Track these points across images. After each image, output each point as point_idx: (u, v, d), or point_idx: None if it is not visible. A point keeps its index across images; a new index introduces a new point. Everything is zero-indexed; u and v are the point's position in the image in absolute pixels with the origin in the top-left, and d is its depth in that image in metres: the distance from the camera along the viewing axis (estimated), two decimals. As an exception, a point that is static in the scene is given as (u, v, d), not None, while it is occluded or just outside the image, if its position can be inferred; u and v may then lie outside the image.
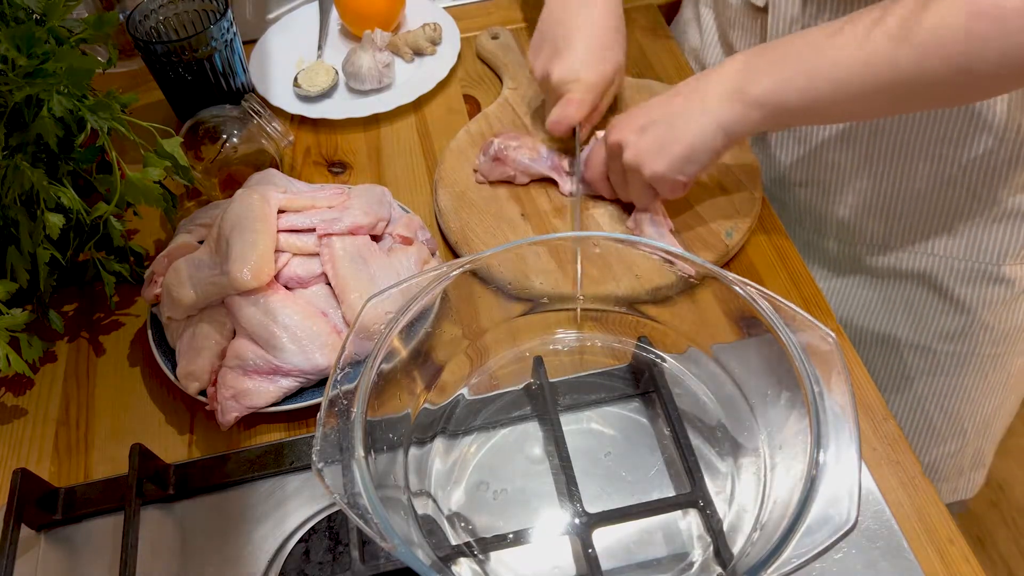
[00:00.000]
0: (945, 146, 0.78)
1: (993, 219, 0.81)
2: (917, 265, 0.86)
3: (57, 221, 0.66)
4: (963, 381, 0.90)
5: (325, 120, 0.92)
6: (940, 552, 0.57)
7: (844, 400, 0.48)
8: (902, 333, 0.90)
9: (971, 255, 0.83)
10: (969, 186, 0.79)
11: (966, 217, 0.81)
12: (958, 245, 0.83)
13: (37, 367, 0.72)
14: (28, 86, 0.62)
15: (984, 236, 0.82)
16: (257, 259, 0.64)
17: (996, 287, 0.84)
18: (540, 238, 0.60)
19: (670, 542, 0.55)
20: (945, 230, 0.83)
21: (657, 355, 0.62)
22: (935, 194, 0.81)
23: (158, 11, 0.85)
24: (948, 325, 0.87)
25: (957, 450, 0.97)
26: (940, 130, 0.77)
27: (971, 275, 0.84)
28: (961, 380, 0.90)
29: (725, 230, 0.74)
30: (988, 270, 0.83)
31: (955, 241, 0.83)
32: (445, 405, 0.61)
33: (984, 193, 0.79)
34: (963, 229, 0.82)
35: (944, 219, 0.82)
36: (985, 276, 0.83)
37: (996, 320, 0.85)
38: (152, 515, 0.61)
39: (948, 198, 0.81)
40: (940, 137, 0.78)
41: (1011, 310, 0.85)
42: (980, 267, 0.83)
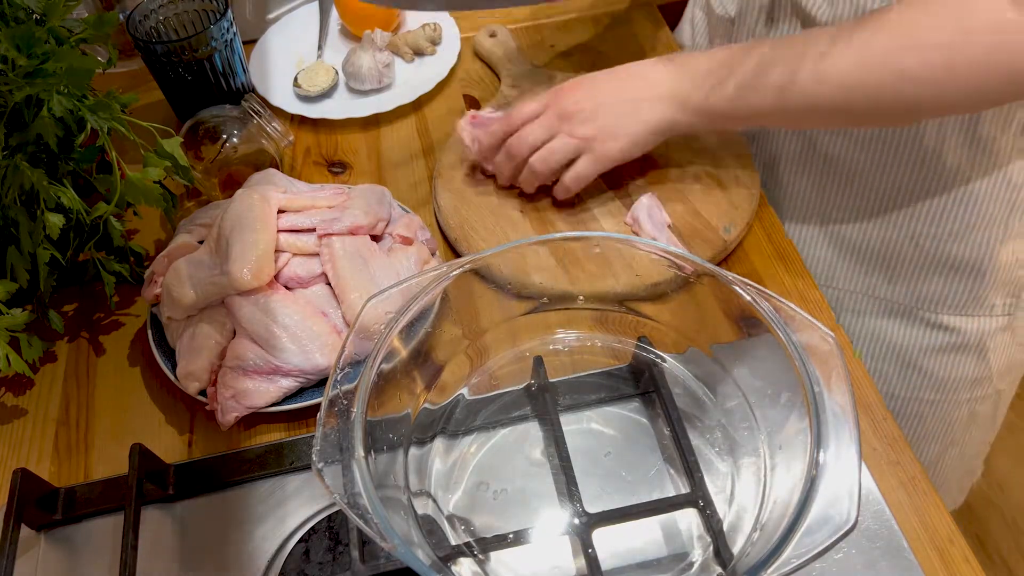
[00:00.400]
0: (894, 190, 0.78)
1: (933, 270, 0.80)
2: (858, 306, 0.86)
3: (57, 221, 0.66)
4: (902, 424, 0.90)
5: (325, 120, 0.92)
6: (940, 552, 0.57)
7: (844, 400, 0.48)
8: None
9: (910, 301, 0.83)
10: (913, 234, 0.79)
11: (907, 264, 0.81)
12: (898, 290, 0.83)
13: (37, 367, 0.72)
14: (28, 86, 0.62)
15: (924, 285, 0.81)
16: (257, 259, 0.64)
17: (935, 334, 0.83)
18: (540, 238, 0.60)
19: (670, 542, 0.55)
20: (886, 273, 0.83)
21: (657, 355, 0.62)
22: (880, 236, 0.81)
23: (158, 11, 0.86)
24: (887, 368, 0.87)
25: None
26: (891, 174, 0.77)
27: (911, 320, 0.83)
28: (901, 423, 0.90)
29: (723, 226, 0.74)
30: (926, 317, 0.83)
31: (894, 287, 0.83)
32: (445, 405, 0.61)
33: (926, 244, 0.79)
34: (903, 275, 0.82)
35: (886, 262, 0.82)
36: (923, 322, 0.83)
37: (935, 367, 0.85)
38: (152, 515, 0.61)
39: (892, 242, 0.81)
40: (891, 181, 0.77)
41: (950, 359, 0.84)
42: (919, 314, 0.83)
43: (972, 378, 0.85)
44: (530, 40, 1.00)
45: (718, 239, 0.74)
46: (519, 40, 0.99)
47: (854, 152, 0.78)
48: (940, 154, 0.73)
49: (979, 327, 0.82)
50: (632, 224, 0.75)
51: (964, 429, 0.91)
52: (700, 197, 0.77)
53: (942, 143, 0.73)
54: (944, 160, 0.74)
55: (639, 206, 0.75)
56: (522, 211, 0.78)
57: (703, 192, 0.77)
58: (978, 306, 0.81)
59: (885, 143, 0.76)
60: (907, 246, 0.80)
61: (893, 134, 0.75)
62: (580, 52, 0.98)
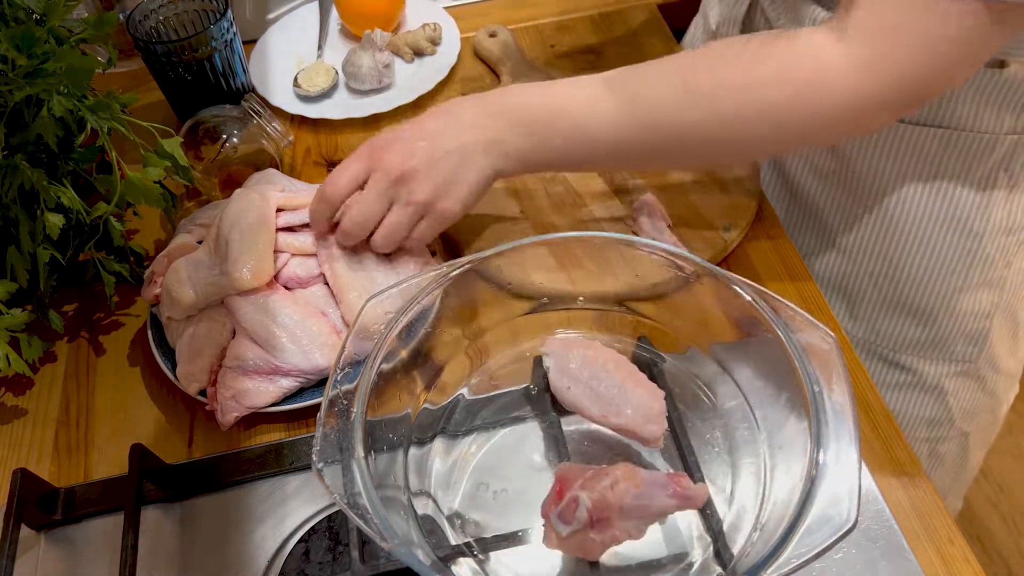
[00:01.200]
0: (856, 227, 0.77)
1: (891, 311, 0.80)
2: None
3: (57, 221, 0.66)
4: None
5: (325, 120, 0.92)
6: (940, 552, 0.57)
7: (844, 400, 0.48)
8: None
9: (869, 337, 0.82)
10: (872, 273, 0.79)
11: (866, 301, 0.81)
12: (858, 327, 0.82)
13: (37, 367, 0.72)
14: (28, 86, 0.62)
15: (882, 323, 0.81)
16: (257, 259, 0.64)
17: (893, 372, 0.83)
18: (540, 238, 0.60)
19: (670, 542, 0.55)
20: (847, 307, 0.82)
21: (657, 355, 0.62)
22: (841, 270, 0.81)
23: (158, 11, 0.86)
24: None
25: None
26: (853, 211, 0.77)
27: (870, 355, 0.83)
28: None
29: (723, 225, 0.74)
30: (885, 354, 0.82)
31: (855, 321, 0.82)
32: (445, 405, 0.61)
33: (884, 284, 0.78)
34: (863, 311, 0.81)
35: (847, 296, 0.82)
36: (883, 359, 0.83)
37: (892, 403, 0.84)
38: (152, 515, 0.61)
39: (852, 277, 0.80)
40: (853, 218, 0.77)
41: (909, 397, 0.84)
42: (878, 350, 0.82)
43: (929, 418, 0.84)
44: (530, 40, 1.00)
45: (718, 239, 0.74)
46: (519, 40, 0.99)
47: (817, 187, 0.78)
48: (900, 197, 0.73)
49: (938, 371, 0.81)
50: (632, 224, 0.75)
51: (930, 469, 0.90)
52: (700, 197, 0.77)
53: (902, 185, 0.73)
54: (904, 203, 0.73)
55: (639, 206, 0.75)
56: (522, 211, 0.78)
57: (703, 192, 0.77)
58: (937, 351, 0.80)
59: (847, 180, 0.76)
60: (866, 284, 0.80)
61: (855, 173, 0.75)
62: (580, 52, 0.98)
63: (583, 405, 0.56)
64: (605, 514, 0.49)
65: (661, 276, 0.62)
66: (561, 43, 0.99)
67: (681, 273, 0.58)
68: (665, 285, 0.61)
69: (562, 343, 0.59)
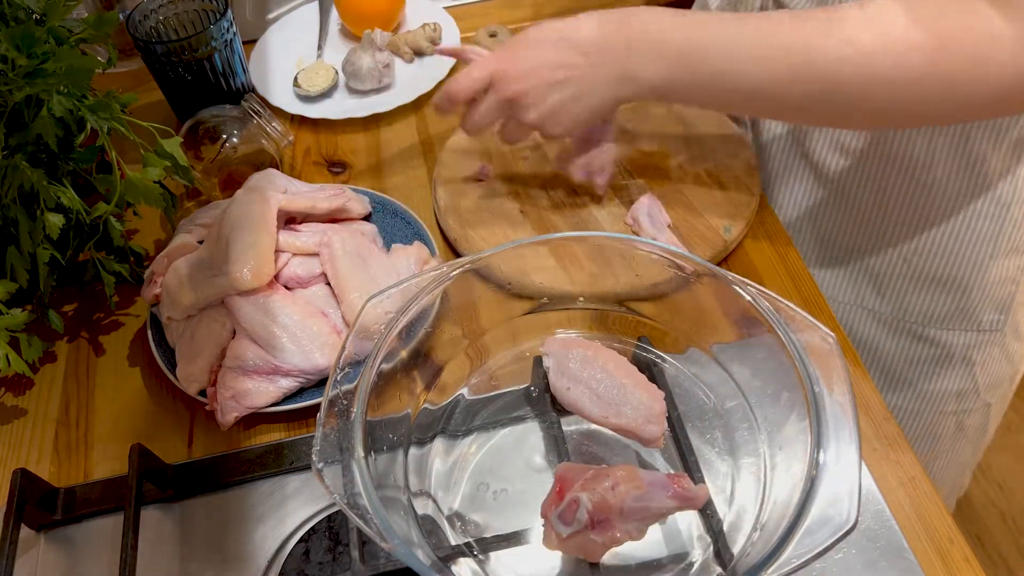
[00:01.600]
0: (884, 204, 0.77)
1: (920, 284, 0.80)
2: (844, 316, 0.85)
3: (57, 221, 0.66)
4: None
5: (325, 120, 0.92)
6: (940, 552, 0.57)
7: (844, 400, 0.48)
8: None
9: (897, 313, 0.82)
10: (901, 248, 0.79)
11: (895, 276, 0.81)
12: (885, 302, 0.82)
13: (37, 367, 0.72)
14: (28, 86, 0.62)
15: (911, 298, 0.81)
16: (257, 259, 0.64)
17: (921, 347, 0.83)
18: (540, 238, 0.60)
19: (670, 542, 0.55)
20: (874, 285, 0.82)
21: (657, 355, 0.62)
22: (869, 248, 0.81)
23: (158, 11, 0.86)
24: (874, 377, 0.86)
25: None
26: (882, 188, 0.77)
27: (898, 332, 0.83)
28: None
29: (723, 226, 0.74)
30: (913, 329, 0.82)
31: (882, 298, 0.82)
32: (445, 405, 0.61)
33: (914, 258, 0.79)
34: (891, 287, 0.81)
35: (874, 274, 0.82)
36: (910, 334, 0.83)
37: (920, 379, 0.84)
38: (152, 515, 0.61)
39: (880, 254, 0.80)
40: (881, 195, 0.77)
41: (936, 371, 0.84)
42: (906, 326, 0.82)
43: (958, 391, 0.85)
44: (530, 40, 1.00)
45: (718, 239, 0.74)
46: (519, 40, 0.99)
47: (845, 164, 0.78)
48: (930, 169, 0.73)
49: (966, 341, 0.82)
50: (632, 224, 0.75)
51: (951, 441, 0.90)
52: (700, 197, 0.77)
53: (932, 158, 0.73)
54: (934, 176, 0.73)
55: (639, 206, 0.75)
56: (522, 211, 0.78)
57: (703, 192, 0.77)
58: (966, 321, 0.81)
59: (876, 156, 0.75)
60: (896, 260, 0.80)
61: (884, 148, 0.74)
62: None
63: (583, 405, 0.56)
64: (606, 516, 0.49)
65: (661, 276, 0.62)
66: (561, 43, 0.99)
67: (681, 273, 0.58)
68: (665, 285, 0.61)
69: (562, 343, 0.59)
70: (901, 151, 0.74)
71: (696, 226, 0.75)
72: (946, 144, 0.72)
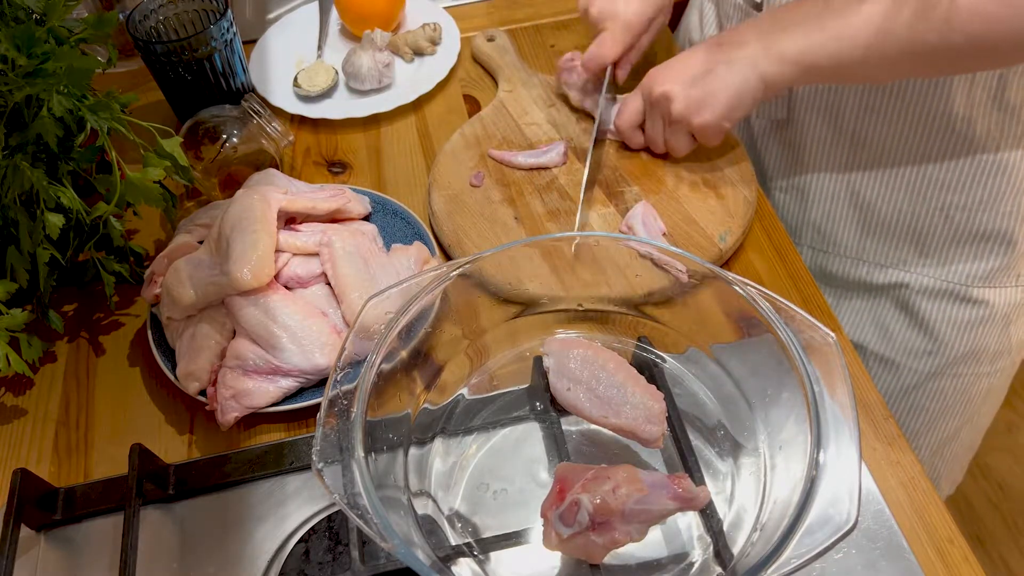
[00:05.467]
0: (923, 163, 0.78)
1: (964, 241, 0.81)
2: (887, 279, 0.86)
3: (57, 221, 0.66)
4: (921, 400, 0.90)
5: (325, 120, 0.92)
6: (940, 552, 0.57)
7: (844, 400, 0.48)
8: (868, 344, 0.90)
9: (941, 274, 0.83)
10: (943, 206, 0.79)
11: (938, 236, 0.81)
12: (929, 263, 0.83)
13: (37, 367, 0.72)
14: (28, 86, 0.62)
15: (955, 257, 0.82)
16: (257, 259, 0.64)
17: (963, 308, 0.84)
18: (540, 238, 0.60)
19: (670, 542, 0.55)
20: (917, 247, 0.83)
21: (657, 355, 0.62)
22: (910, 210, 0.81)
23: (158, 11, 0.86)
24: (913, 342, 0.87)
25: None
26: (920, 146, 0.77)
27: (940, 294, 0.84)
28: (920, 398, 0.90)
29: (719, 234, 0.74)
30: (956, 290, 0.83)
31: (926, 260, 0.83)
32: (445, 405, 0.61)
33: (957, 215, 0.79)
34: (935, 248, 0.82)
35: (917, 236, 0.82)
36: (953, 296, 0.83)
37: (960, 342, 0.85)
38: (152, 515, 0.61)
39: (922, 215, 0.81)
40: (920, 154, 0.78)
41: (976, 333, 0.85)
42: (948, 287, 0.83)
43: (994, 351, 0.86)
44: (530, 40, 1.00)
45: (713, 247, 0.73)
46: (519, 40, 0.99)
47: (882, 128, 0.78)
48: (970, 121, 0.74)
49: (1007, 299, 0.83)
50: (627, 232, 0.74)
51: (981, 403, 0.92)
52: (696, 205, 0.77)
53: (971, 110, 0.73)
54: (974, 128, 0.74)
55: (633, 214, 0.74)
56: (517, 218, 0.77)
57: (699, 200, 0.77)
58: (1007, 277, 0.82)
59: (913, 115, 0.76)
60: (937, 218, 0.80)
61: (921, 104, 0.75)
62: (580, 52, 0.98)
63: (583, 405, 0.56)
64: (606, 517, 0.49)
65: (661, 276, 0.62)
66: (561, 43, 0.99)
67: (678, 280, 0.58)
68: (661, 294, 0.61)
69: (562, 343, 0.59)
70: (940, 108, 0.74)
71: (691, 234, 0.74)
72: (984, 94, 0.72)
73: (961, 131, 0.75)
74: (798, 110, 0.84)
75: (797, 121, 0.84)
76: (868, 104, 0.78)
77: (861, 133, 0.79)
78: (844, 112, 0.80)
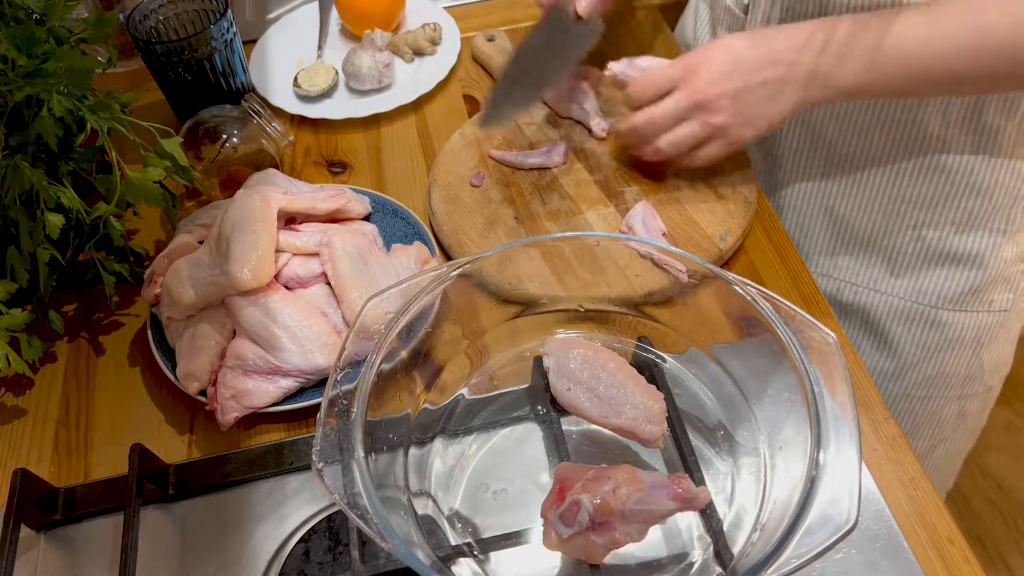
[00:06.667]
0: (897, 179, 0.78)
1: (936, 261, 0.80)
2: (856, 298, 0.85)
3: (57, 221, 0.66)
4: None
5: (325, 120, 0.92)
6: (940, 552, 0.57)
7: (844, 400, 0.48)
8: None
9: (911, 295, 0.82)
10: (915, 224, 0.79)
11: (910, 255, 0.81)
12: (899, 283, 0.83)
13: (37, 367, 0.72)
14: (28, 86, 0.62)
15: (926, 277, 0.81)
16: (257, 259, 0.64)
17: (932, 331, 0.83)
18: (539, 238, 0.60)
19: (670, 542, 0.55)
20: (888, 265, 0.83)
21: (657, 355, 0.62)
22: (883, 226, 0.81)
23: (158, 11, 0.85)
24: (880, 364, 0.87)
25: None
26: (895, 162, 0.77)
27: (909, 316, 0.83)
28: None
29: (719, 234, 0.74)
30: (926, 313, 0.82)
31: (896, 279, 0.83)
32: (445, 405, 0.61)
33: (929, 234, 0.79)
34: (906, 266, 0.82)
35: (889, 254, 0.82)
36: (922, 319, 0.83)
37: (929, 364, 0.85)
38: (152, 515, 0.61)
39: (895, 232, 0.81)
40: (894, 170, 0.77)
41: (945, 356, 0.84)
42: (918, 309, 0.83)
43: (965, 375, 0.85)
44: (530, 40, 1.00)
45: (714, 247, 0.73)
46: (519, 40, 0.98)
47: (858, 141, 0.78)
48: (944, 141, 0.73)
49: (976, 323, 0.82)
50: (627, 232, 0.74)
51: (953, 427, 0.91)
52: (696, 205, 0.77)
53: (946, 130, 0.73)
54: (949, 148, 0.74)
55: (633, 214, 0.74)
56: (517, 218, 0.77)
57: (699, 200, 0.77)
58: (977, 301, 0.81)
59: (890, 132, 0.76)
60: (909, 236, 0.80)
61: (897, 122, 0.75)
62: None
63: (583, 406, 0.56)
64: (607, 518, 0.49)
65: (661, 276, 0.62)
66: (561, 43, 0.99)
67: (678, 280, 0.58)
68: (661, 294, 0.61)
69: (562, 343, 0.59)
70: (915, 127, 0.74)
71: (691, 234, 0.74)
72: (960, 114, 0.72)
73: (935, 150, 0.74)
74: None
75: (774, 135, 0.84)
76: (845, 116, 0.78)
77: (837, 144, 0.79)
78: (821, 123, 0.80)
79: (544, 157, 0.81)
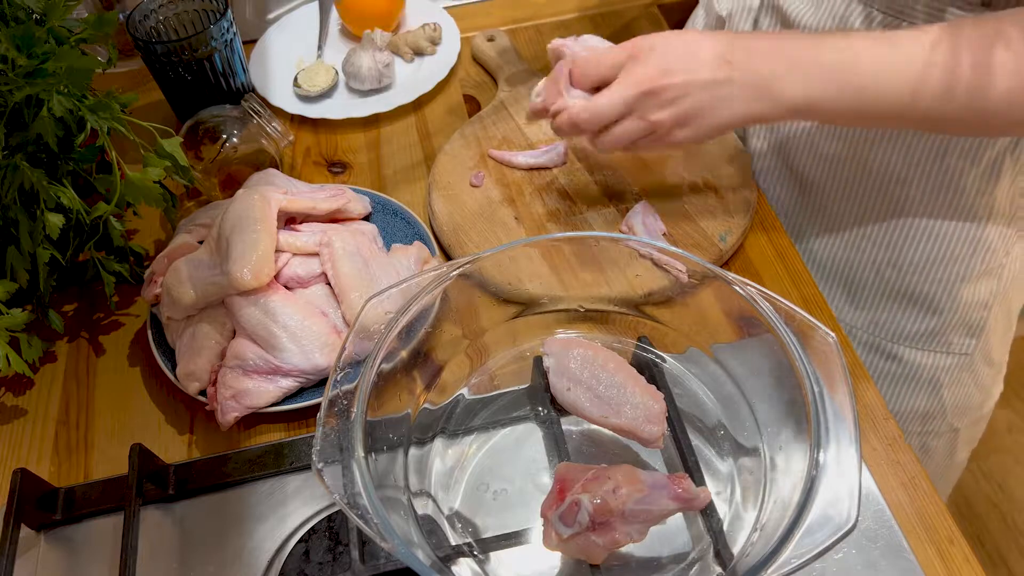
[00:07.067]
0: (860, 214, 0.77)
1: (894, 299, 0.80)
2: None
3: (57, 221, 0.66)
4: None
5: (325, 120, 0.92)
6: (940, 552, 0.57)
7: (844, 400, 0.48)
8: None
9: (871, 327, 0.82)
10: (875, 262, 0.79)
11: (870, 289, 0.80)
12: (859, 316, 0.82)
13: (37, 367, 0.72)
14: (28, 86, 0.62)
15: (883, 313, 0.81)
16: (257, 259, 0.64)
17: (889, 363, 0.83)
18: (540, 238, 0.60)
19: (670, 542, 0.55)
20: (850, 296, 0.82)
21: (657, 355, 0.62)
22: (844, 259, 0.81)
23: (158, 11, 0.86)
24: None
25: None
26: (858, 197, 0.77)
27: (869, 347, 0.83)
28: None
29: (719, 234, 0.74)
30: (885, 346, 0.82)
31: (857, 311, 0.82)
32: (445, 405, 0.61)
33: (888, 272, 0.78)
34: (866, 300, 0.81)
35: (850, 286, 0.82)
36: (879, 350, 0.83)
37: (891, 396, 0.84)
38: (152, 515, 0.61)
39: (856, 267, 0.80)
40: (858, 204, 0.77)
41: (903, 391, 0.84)
42: (878, 341, 0.82)
43: (923, 412, 0.84)
44: (530, 40, 1.00)
45: (714, 247, 0.73)
46: (519, 40, 0.99)
47: (823, 172, 0.78)
48: (906, 183, 0.73)
49: (935, 363, 0.81)
50: (627, 232, 0.74)
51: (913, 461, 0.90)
52: (696, 205, 0.77)
53: (909, 171, 0.72)
54: (909, 189, 0.73)
55: (633, 214, 0.74)
56: (517, 218, 0.77)
57: (699, 200, 0.77)
58: (935, 342, 0.80)
59: (856, 168, 0.75)
60: (869, 272, 0.79)
61: (863, 160, 0.74)
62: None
63: (583, 405, 0.56)
64: (607, 518, 0.49)
65: (661, 276, 0.62)
66: (561, 43, 0.99)
67: (678, 280, 0.58)
68: (665, 286, 0.61)
69: (562, 343, 0.59)
70: (880, 163, 0.74)
71: (691, 234, 0.74)
72: (924, 158, 0.71)
73: (897, 191, 0.74)
74: (750, 138, 0.84)
75: (748, 148, 0.84)
76: (816, 150, 0.77)
77: (804, 172, 0.79)
78: (793, 154, 0.80)
79: (544, 157, 0.81)
